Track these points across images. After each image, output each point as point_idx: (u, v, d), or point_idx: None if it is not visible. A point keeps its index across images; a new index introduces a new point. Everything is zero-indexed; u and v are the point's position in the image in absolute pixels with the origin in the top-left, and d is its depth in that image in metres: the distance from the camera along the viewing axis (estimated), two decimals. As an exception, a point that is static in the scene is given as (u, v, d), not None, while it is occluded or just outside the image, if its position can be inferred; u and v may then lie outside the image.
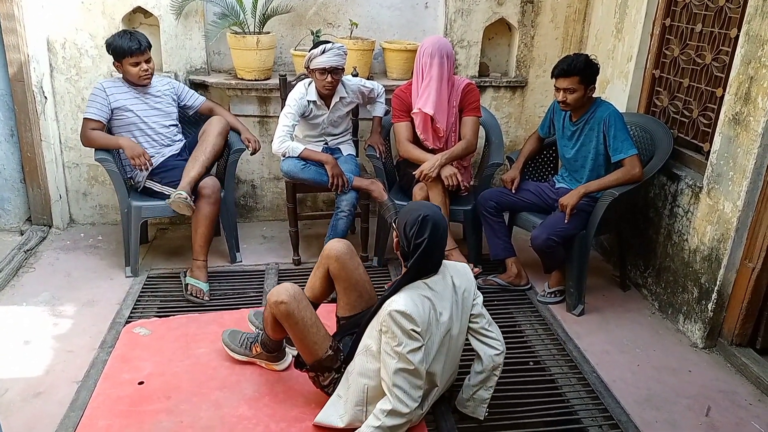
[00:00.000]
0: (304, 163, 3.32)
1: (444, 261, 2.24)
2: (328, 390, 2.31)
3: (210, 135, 3.29)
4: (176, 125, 3.46)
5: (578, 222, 3.06)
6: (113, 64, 3.26)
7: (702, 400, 2.56)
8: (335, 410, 2.24)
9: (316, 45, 3.26)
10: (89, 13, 3.62)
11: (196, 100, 3.53)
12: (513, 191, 3.32)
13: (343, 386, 2.26)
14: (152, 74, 3.31)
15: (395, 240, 2.23)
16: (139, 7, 3.67)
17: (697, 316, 2.94)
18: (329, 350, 2.26)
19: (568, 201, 3.02)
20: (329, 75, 3.21)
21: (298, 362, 2.37)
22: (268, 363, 2.60)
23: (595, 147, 3.09)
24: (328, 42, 3.23)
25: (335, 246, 2.40)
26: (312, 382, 2.36)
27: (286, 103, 3.35)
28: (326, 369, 2.28)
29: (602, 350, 2.88)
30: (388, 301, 2.07)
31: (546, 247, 3.03)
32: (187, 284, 3.19)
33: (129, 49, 3.15)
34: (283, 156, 3.32)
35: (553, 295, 3.25)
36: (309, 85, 3.36)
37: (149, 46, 3.24)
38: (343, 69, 3.28)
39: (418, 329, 2.03)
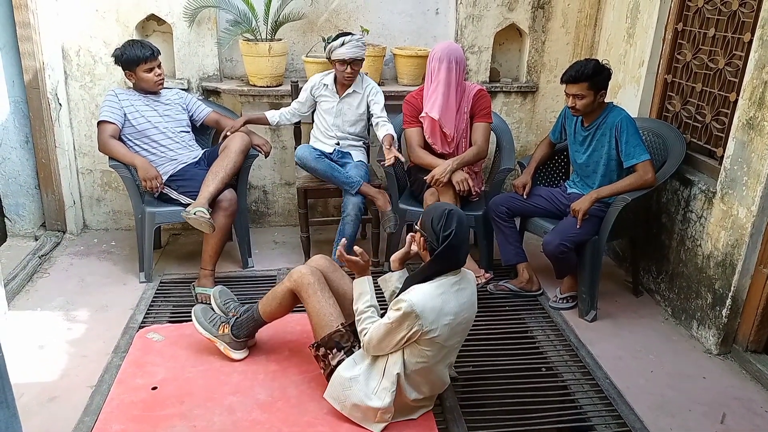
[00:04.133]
0: (318, 153, 3.37)
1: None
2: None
3: (231, 151, 3.25)
4: (188, 132, 3.48)
5: (590, 227, 3.05)
6: (125, 74, 3.30)
7: (717, 408, 2.54)
8: (362, 388, 2.26)
9: (336, 37, 3.32)
10: (103, 20, 3.66)
11: (203, 111, 3.55)
12: (524, 197, 3.31)
13: (361, 354, 2.32)
14: (164, 80, 3.36)
15: (419, 240, 2.26)
16: (153, 14, 3.71)
17: (711, 322, 2.92)
18: (341, 327, 2.34)
19: (580, 206, 3.01)
20: (348, 66, 3.30)
21: (313, 344, 2.41)
22: (227, 348, 2.67)
23: (607, 152, 3.07)
24: (348, 33, 3.31)
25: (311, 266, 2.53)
26: (323, 368, 2.38)
27: (306, 84, 3.55)
28: (336, 345, 2.33)
29: (615, 356, 2.87)
30: (412, 289, 2.15)
31: (558, 252, 3.02)
32: (197, 294, 3.22)
33: (143, 56, 3.20)
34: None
35: (564, 301, 3.23)
36: (328, 73, 3.50)
37: (159, 52, 3.30)
38: (362, 60, 3.35)
39: (422, 320, 2.10)
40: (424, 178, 3.28)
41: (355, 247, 2.38)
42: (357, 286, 2.38)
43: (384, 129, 3.41)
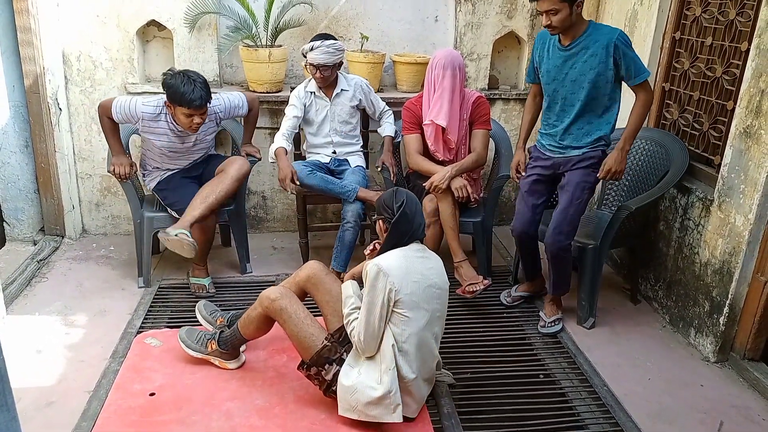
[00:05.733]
0: (310, 169, 3.37)
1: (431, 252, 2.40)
2: (334, 389, 2.32)
3: (227, 176, 3.17)
4: (203, 154, 3.42)
5: (587, 179, 2.93)
6: (165, 102, 3.05)
7: (714, 415, 2.54)
8: (365, 379, 2.27)
9: (313, 39, 3.34)
10: (104, 26, 3.68)
11: (242, 108, 3.35)
12: (524, 174, 3.15)
13: (353, 356, 2.33)
14: (200, 126, 3.09)
15: (381, 226, 2.37)
16: (154, 20, 3.72)
17: (708, 330, 2.93)
18: (325, 341, 2.34)
19: (618, 167, 2.84)
20: (318, 71, 3.34)
21: (301, 364, 2.40)
22: (222, 361, 2.67)
23: (599, 72, 2.78)
24: (325, 37, 3.32)
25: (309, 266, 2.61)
26: (318, 385, 2.38)
27: (289, 99, 3.49)
28: (326, 361, 2.32)
29: (613, 363, 2.87)
30: (376, 257, 2.27)
31: (559, 249, 2.96)
32: (191, 284, 3.34)
33: (189, 102, 2.91)
34: (271, 160, 3.44)
35: (552, 324, 3.12)
36: (309, 80, 3.49)
37: (208, 101, 3.00)
38: (333, 66, 3.36)
39: (391, 279, 2.16)
40: (423, 184, 3.29)
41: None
42: (343, 290, 2.43)
43: (385, 129, 3.59)
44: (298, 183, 3.28)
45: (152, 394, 2.50)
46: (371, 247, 2.55)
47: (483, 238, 3.48)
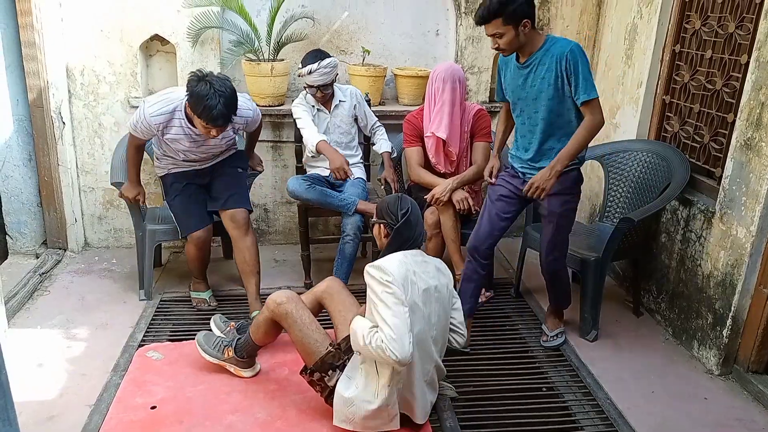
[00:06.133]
0: (308, 183, 3.40)
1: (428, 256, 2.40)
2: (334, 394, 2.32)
3: (246, 244, 3.24)
4: (221, 155, 3.33)
5: (569, 207, 2.83)
6: (186, 103, 2.89)
7: (719, 429, 2.53)
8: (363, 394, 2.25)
9: (306, 59, 3.37)
10: (108, 40, 3.71)
11: (256, 123, 3.31)
12: (494, 180, 2.99)
13: (351, 367, 2.31)
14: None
15: (380, 230, 2.34)
16: (157, 34, 3.75)
17: (711, 343, 2.92)
18: (330, 347, 2.34)
19: (544, 184, 2.66)
20: (318, 91, 3.40)
21: (304, 369, 2.40)
22: (237, 368, 2.68)
23: (554, 88, 2.62)
24: (318, 56, 3.35)
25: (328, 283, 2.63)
26: (319, 391, 2.37)
27: (294, 112, 3.52)
28: (330, 367, 2.32)
29: (616, 377, 2.86)
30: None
31: (556, 270, 2.97)
32: (192, 298, 3.36)
33: (209, 119, 2.75)
34: (311, 154, 3.44)
35: (555, 338, 3.10)
36: (306, 94, 3.53)
37: (231, 120, 2.85)
38: (331, 83, 3.42)
39: (391, 279, 2.11)
40: (424, 197, 3.30)
41: None
42: (354, 323, 2.25)
43: (381, 146, 3.61)
44: (351, 172, 3.40)
45: (153, 408, 2.49)
46: None
47: (485, 251, 3.47)
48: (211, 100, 2.69)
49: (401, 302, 2.10)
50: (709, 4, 3.10)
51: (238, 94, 2.88)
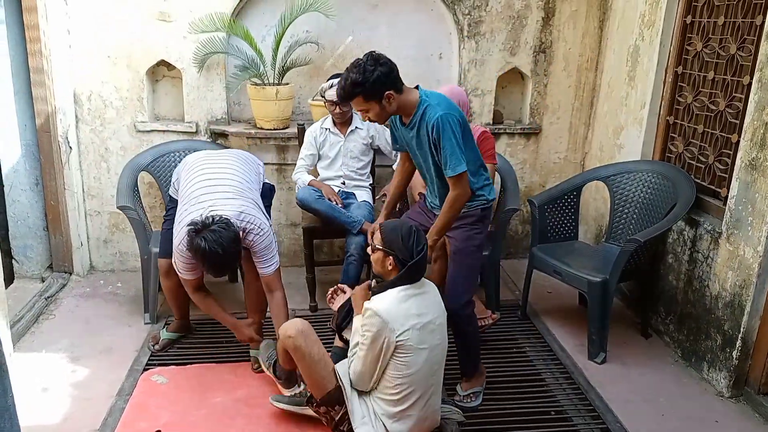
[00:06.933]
0: (318, 194, 3.43)
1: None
2: (342, 428, 2.33)
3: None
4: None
5: (473, 243, 2.64)
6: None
7: (731, 452, 2.49)
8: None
9: (330, 78, 3.44)
10: (115, 66, 3.75)
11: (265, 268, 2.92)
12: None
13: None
14: None
15: (385, 260, 2.28)
16: (163, 60, 3.80)
17: (721, 364, 2.88)
18: (337, 382, 2.33)
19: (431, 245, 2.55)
20: (336, 107, 3.42)
21: (310, 399, 2.41)
22: (279, 385, 2.70)
23: (430, 148, 2.51)
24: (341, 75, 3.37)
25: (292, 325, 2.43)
26: (326, 423, 2.38)
27: (305, 135, 3.60)
28: (336, 402, 2.32)
29: (625, 399, 2.82)
30: (375, 298, 2.24)
31: (462, 317, 2.66)
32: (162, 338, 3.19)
33: (216, 272, 2.66)
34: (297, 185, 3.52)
35: (469, 399, 2.76)
36: (325, 118, 3.58)
37: (235, 260, 2.67)
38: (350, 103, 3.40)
39: (390, 326, 2.15)
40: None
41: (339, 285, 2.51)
42: (354, 322, 2.41)
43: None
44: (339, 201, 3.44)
45: (158, 433, 2.47)
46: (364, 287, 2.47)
47: (491, 272, 3.47)
48: (211, 257, 2.50)
49: (383, 351, 2.20)
50: (710, 27, 3.12)
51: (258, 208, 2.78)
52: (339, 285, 2.78)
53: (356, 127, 3.56)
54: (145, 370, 2.94)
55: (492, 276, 3.47)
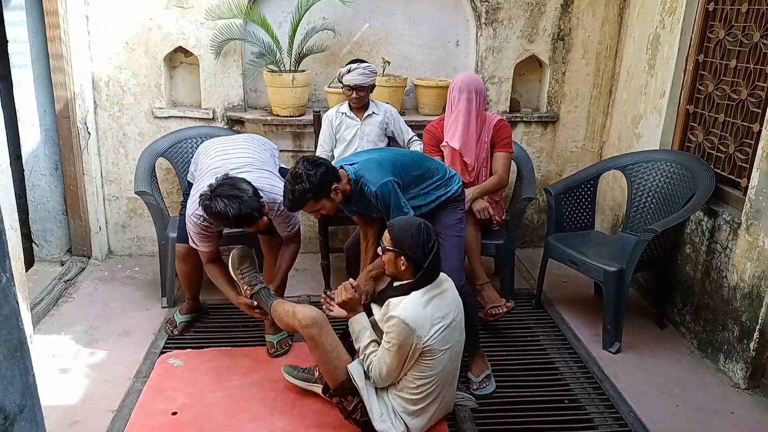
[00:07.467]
0: None
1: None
2: (356, 416, 2.34)
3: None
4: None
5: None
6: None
7: (746, 444, 2.47)
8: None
9: (348, 63, 3.45)
10: (133, 52, 3.78)
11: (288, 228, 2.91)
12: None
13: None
14: None
15: (393, 259, 2.25)
16: (181, 46, 3.81)
17: (738, 356, 2.86)
18: (349, 375, 2.34)
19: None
20: (354, 91, 3.43)
21: (325, 389, 2.43)
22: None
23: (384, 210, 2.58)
24: (360, 61, 3.42)
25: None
26: (340, 411, 2.39)
27: (322, 121, 3.60)
28: (349, 392, 2.33)
29: (640, 390, 2.81)
30: (392, 302, 2.21)
31: (467, 291, 2.76)
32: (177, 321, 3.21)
33: (242, 224, 2.62)
34: None
35: (483, 384, 2.77)
36: (342, 103, 3.59)
37: (262, 212, 2.64)
38: (368, 87, 3.45)
39: (417, 334, 2.14)
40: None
41: (350, 280, 2.41)
42: (355, 324, 2.38)
43: (416, 147, 3.60)
44: None
45: (174, 414, 2.51)
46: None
47: (506, 261, 3.46)
48: (231, 211, 2.50)
49: (410, 357, 2.20)
50: (733, 14, 3.07)
51: (272, 179, 2.79)
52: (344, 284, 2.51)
53: (372, 113, 3.57)
54: (162, 353, 2.98)
55: (507, 265, 3.46)
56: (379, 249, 2.34)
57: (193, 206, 2.70)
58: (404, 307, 2.17)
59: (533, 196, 3.48)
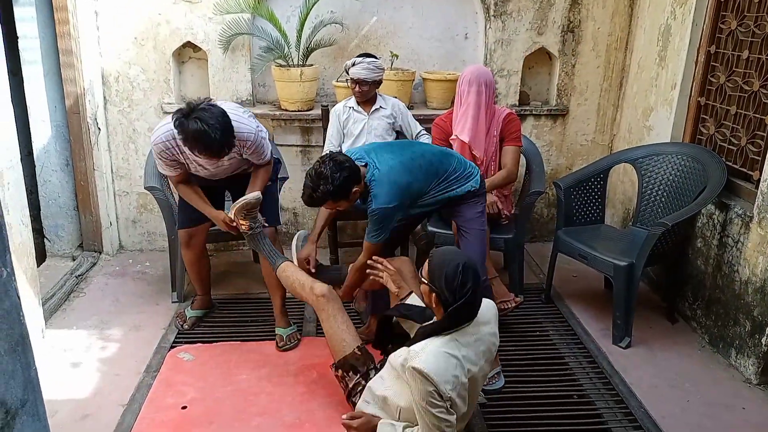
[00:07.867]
0: None
1: None
2: (354, 400, 2.34)
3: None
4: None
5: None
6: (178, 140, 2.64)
7: (757, 439, 2.45)
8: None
9: (356, 57, 3.43)
10: (142, 48, 3.79)
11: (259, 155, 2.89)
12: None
13: (368, 394, 2.27)
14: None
15: (428, 292, 2.05)
16: (189, 42, 3.82)
17: (750, 351, 2.83)
18: (356, 350, 2.40)
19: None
20: (357, 85, 3.42)
21: (334, 363, 2.48)
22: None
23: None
24: (368, 55, 3.41)
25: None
26: (339, 383, 2.43)
27: (330, 115, 3.59)
28: (352, 368, 2.38)
29: (650, 384, 2.79)
30: (413, 349, 1.97)
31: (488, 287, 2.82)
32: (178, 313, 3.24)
33: (212, 153, 2.53)
34: None
35: (494, 379, 2.76)
36: (350, 98, 3.58)
37: (232, 145, 2.59)
38: (373, 82, 3.42)
39: (439, 390, 1.88)
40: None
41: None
42: (380, 429, 2.14)
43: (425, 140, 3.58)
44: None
45: (184, 408, 2.53)
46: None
47: (515, 255, 3.45)
48: (206, 136, 2.42)
49: (445, 410, 1.91)
50: (746, 4, 3.02)
51: (237, 112, 2.72)
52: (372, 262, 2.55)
53: (380, 107, 3.56)
54: (172, 347, 3.00)
55: (516, 259, 3.45)
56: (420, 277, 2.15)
57: (163, 128, 2.64)
58: (425, 357, 1.91)
59: (542, 189, 3.46)
